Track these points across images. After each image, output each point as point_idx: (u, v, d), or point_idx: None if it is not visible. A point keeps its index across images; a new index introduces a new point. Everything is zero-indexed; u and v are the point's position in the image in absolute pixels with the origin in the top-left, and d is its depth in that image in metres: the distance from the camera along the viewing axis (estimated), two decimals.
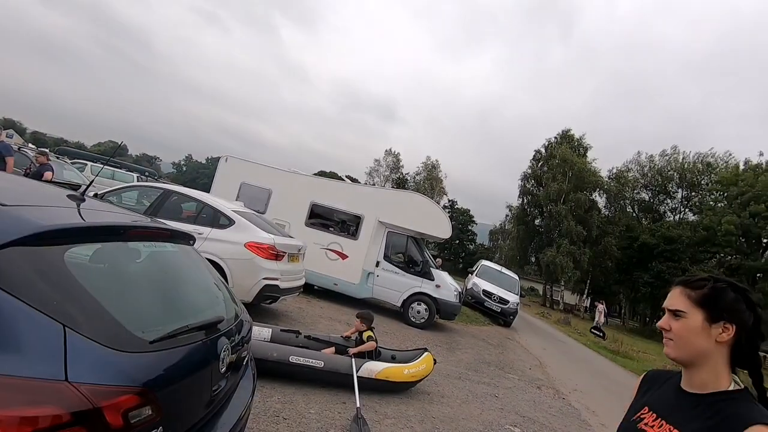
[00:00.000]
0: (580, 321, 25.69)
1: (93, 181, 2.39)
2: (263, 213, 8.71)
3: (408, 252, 9.67)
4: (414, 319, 9.05)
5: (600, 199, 36.33)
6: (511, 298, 14.24)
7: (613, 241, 33.00)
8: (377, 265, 9.31)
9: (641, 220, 38.49)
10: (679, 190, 37.18)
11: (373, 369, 4.33)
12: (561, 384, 7.63)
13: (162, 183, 12.71)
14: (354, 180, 42.90)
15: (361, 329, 4.79)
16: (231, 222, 5.68)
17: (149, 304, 1.67)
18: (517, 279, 16.66)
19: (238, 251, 5.43)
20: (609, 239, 32.93)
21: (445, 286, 9.39)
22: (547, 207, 33.76)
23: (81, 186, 1.94)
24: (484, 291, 14.10)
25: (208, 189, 9.08)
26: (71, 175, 11.22)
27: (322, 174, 38.51)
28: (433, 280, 9.31)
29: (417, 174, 49.73)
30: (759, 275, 28.26)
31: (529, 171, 37.83)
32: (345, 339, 4.98)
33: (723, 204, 31.87)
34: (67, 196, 1.76)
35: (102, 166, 13.25)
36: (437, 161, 49.33)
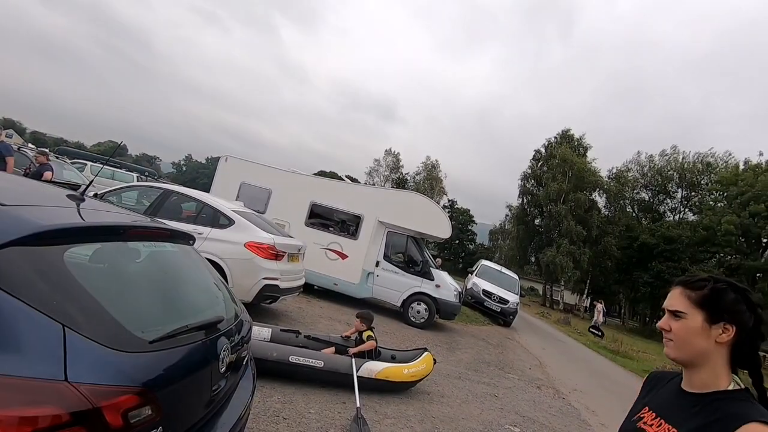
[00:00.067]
0: (579, 321, 25.68)
1: (92, 181, 2.39)
2: (263, 213, 8.71)
3: (408, 252, 9.67)
4: (414, 319, 9.05)
5: (600, 199, 36.41)
6: (511, 297, 14.25)
7: (613, 241, 33.02)
8: (377, 265, 9.31)
9: (641, 219, 38.50)
10: (679, 189, 37.22)
11: (373, 369, 4.33)
12: (561, 384, 7.64)
13: (162, 183, 12.70)
14: (354, 180, 42.88)
15: (361, 329, 4.79)
16: (231, 222, 5.68)
17: (149, 304, 1.66)
18: (517, 279, 16.67)
19: (237, 251, 5.43)
20: (609, 239, 32.95)
21: (445, 285, 9.39)
22: (547, 207, 33.78)
23: (80, 186, 1.94)
24: (483, 291, 14.10)
25: (207, 189, 9.07)
26: (71, 175, 11.22)
27: (322, 174, 38.50)
28: (433, 279, 9.31)
29: (417, 174, 49.79)
30: (759, 275, 28.27)
31: (529, 171, 37.87)
32: (344, 339, 4.98)
33: (723, 204, 31.88)
34: (67, 196, 1.76)
35: (102, 166, 13.22)
36: (437, 161, 49.46)
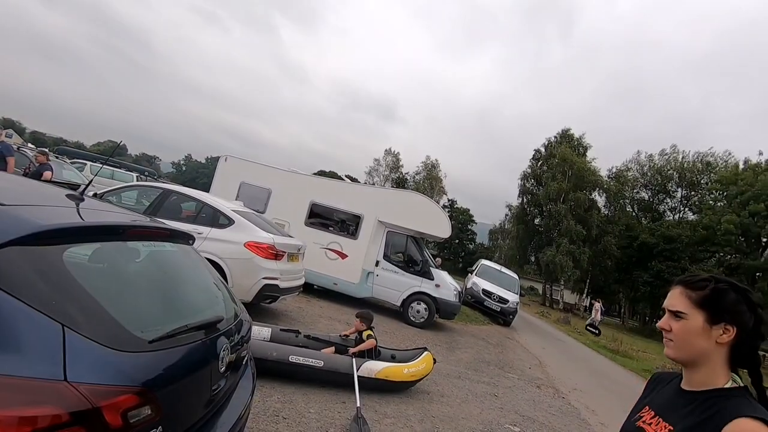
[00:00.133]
0: (579, 320, 25.67)
1: (92, 181, 2.39)
2: (263, 212, 8.71)
3: (408, 251, 9.67)
4: (414, 319, 9.05)
5: (599, 199, 36.42)
6: (511, 297, 14.25)
7: (613, 241, 33.04)
8: (377, 265, 9.31)
9: (641, 219, 38.53)
10: (679, 189, 37.26)
11: (373, 368, 4.33)
12: (560, 383, 7.64)
13: (161, 183, 12.70)
14: (354, 179, 42.83)
15: (361, 329, 4.79)
16: (230, 221, 5.68)
17: (148, 303, 1.66)
18: (517, 278, 16.69)
19: (237, 251, 5.43)
20: (608, 238, 32.97)
21: (445, 285, 9.39)
22: (547, 206, 33.79)
23: (80, 186, 1.94)
24: (483, 290, 14.11)
25: (207, 189, 9.07)
26: (70, 175, 11.22)
27: (321, 173, 38.50)
28: (433, 279, 9.31)
29: (417, 173, 49.82)
30: (758, 274, 28.31)
31: (529, 170, 37.88)
32: (343, 338, 4.98)
33: (722, 203, 31.89)
34: (66, 195, 1.76)
35: (101, 165, 13.23)
36: (437, 161, 49.48)
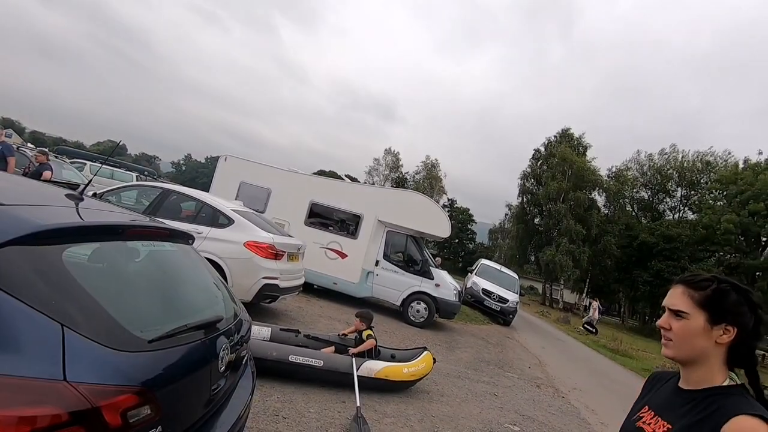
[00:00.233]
0: (579, 320, 25.64)
1: (91, 181, 2.39)
2: (262, 212, 8.71)
3: (407, 251, 9.67)
4: (413, 318, 9.05)
5: (599, 198, 36.39)
6: (511, 296, 14.26)
7: (613, 240, 33.01)
8: (377, 264, 9.32)
9: (640, 218, 38.50)
10: (679, 188, 37.22)
11: (373, 368, 4.33)
12: (560, 383, 7.64)
13: (161, 182, 12.69)
14: (353, 179, 42.79)
15: (361, 328, 4.79)
16: (230, 221, 5.67)
17: (148, 303, 1.66)
18: (517, 278, 16.69)
19: (237, 250, 5.43)
20: (608, 238, 32.95)
21: (445, 285, 9.39)
22: (547, 206, 33.77)
23: (79, 185, 1.94)
24: (483, 290, 14.11)
25: (207, 188, 9.07)
26: (70, 175, 11.22)
27: (321, 173, 38.51)
28: (433, 279, 9.31)
29: (416, 173, 49.80)
30: (758, 274, 28.34)
31: (529, 170, 37.86)
32: (341, 337, 4.98)
33: (722, 202, 31.88)
34: (66, 195, 1.75)
35: (101, 165, 13.22)
36: (436, 160, 49.47)
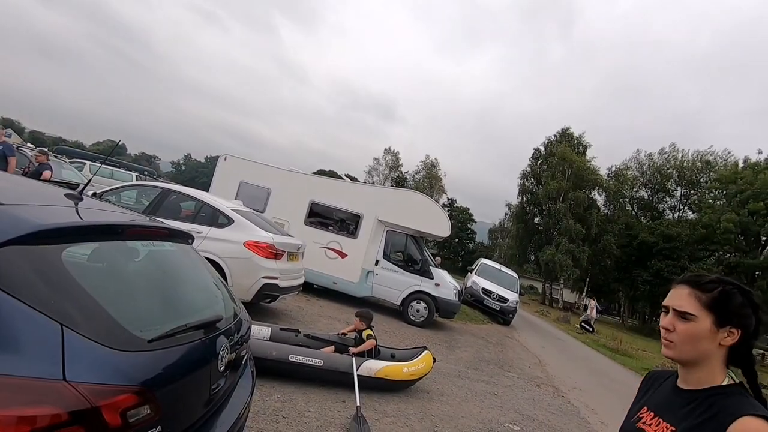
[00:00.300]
0: (579, 319, 25.68)
1: (90, 180, 2.38)
2: (262, 212, 8.71)
3: (407, 251, 9.68)
4: (413, 318, 9.05)
5: (599, 198, 36.38)
6: (511, 296, 14.26)
7: (612, 240, 33.01)
8: (376, 264, 9.32)
9: (640, 218, 38.50)
10: (678, 188, 37.21)
11: (373, 367, 4.33)
12: (560, 382, 7.65)
13: (161, 182, 12.69)
14: (353, 179, 42.78)
15: (361, 328, 4.79)
16: (230, 221, 5.67)
17: (148, 303, 1.66)
18: (517, 277, 16.71)
19: (237, 250, 5.43)
20: (608, 237, 32.95)
21: (445, 284, 9.40)
22: (547, 205, 33.76)
23: (79, 185, 1.94)
24: (483, 289, 14.11)
25: (207, 188, 9.07)
26: (70, 175, 11.22)
27: (321, 173, 38.50)
28: (433, 278, 9.31)
29: (416, 172, 49.78)
30: (758, 273, 28.34)
31: (529, 169, 37.88)
32: (341, 336, 4.98)
33: (722, 202, 31.90)
34: (65, 195, 1.75)
35: (100, 165, 13.22)
36: (436, 160, 49.45)
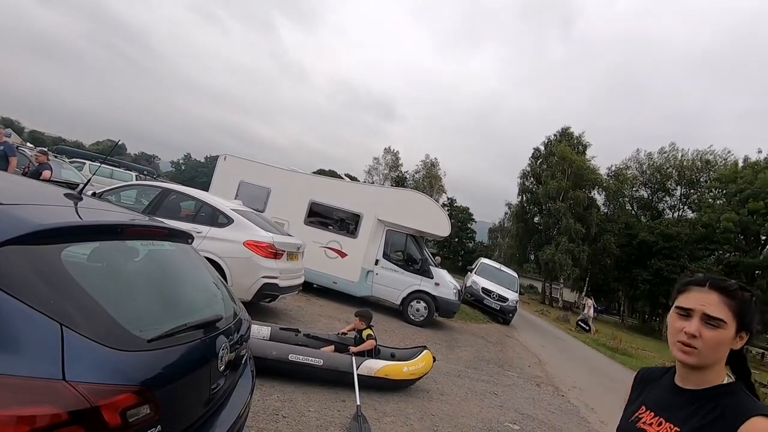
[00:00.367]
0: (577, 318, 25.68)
1: (90, 180, 2.38)
2: (262, 212, 8.71)
3: (407, 250, 9.68)
4: (413, 317, 9.06)
5: (599, 197, 36.40)
6: (511, 295, 14.27)
7: (612, 239, 33.03)
8: (376, 264, 9.32)
9: (640, 217, 38.51)
10: (678, 187, 37.21)
11: (373, 367, 4.33)
12: (560, 381, 7.65)
13: (160, 182, 12.69)
14: (353, 178, 42.79)
15: (360, 328, 4.79)
16: (230, 220, 5.67)
17: (147, 302, 1.66)
18: (516, 277, 16.71)
19: (237, 250, 5.43)
20: (608, 237, 32.96)
21: (444, 284, 9.40)
22: (546, 205, 33.76)
23: (78, 185, 1.93)
24: (483, 289, 14.12)
25: (206, 188, 9.07)
26: (69, 174, 11.21)
27: (321, 172, 38.47)
28: (433, 278, 9.31)
29: (416, 172, 49.75)
30: (757, 272, 28.37)
31: (528, 169, 37.89)
32: (340, 336, 4.98)
33: (722, 201, 31.94)
34: (65, 195, 1.75)
35: (100, 164, 13.22)
36: (436, 159, 49.43)
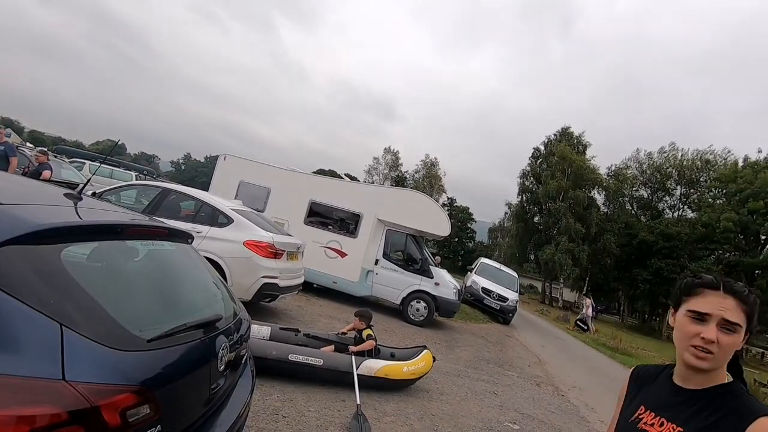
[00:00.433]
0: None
1: (90, 180, 2.38)
2: (262, 211, 8.71)
3: (407, 250, 9.68)
4: (413, 317, 9.06)
5: (599, 197, 36.42)
6: (510, 295, 14.27)
7: (612, 239, 33.03)
8: (376, 263, 9.32)
9: (640, 217, 38.50)
10: (678, 187, 37.21)
11: (373, 366, 4.33)
12: (560, 381, 7.65)
13: (160, 181, 12.69)
14: (353, 178, 42.79)
15: (360, 327, 4.78)
16: (230, 220, 5.67)
17: (147, 302, 1.66)
18: (516, 276, 16.71)
19: (236, 250, 5.43)
20: (608, 236, 32.96)
21: (444, 283, 9.40)
22: (546, 204, 33.77)
23: (78, 185, 1.93)
24: (483, 289, 14.12)
25: (206, 187, 9.07)
26: (69, 174, 11.20)
27: (321, 172, 38.47)
28: (432, 277, 9.32)
29: (416, 172, 49.73)
30: (757, 272, 28.39)
31: (528, 168, 37.89)
32: (340, 336, 4.98)
33: (722, 201, 31.93)
34: (65, 194, 1.75)
35: (100, 164, 13.22)
36: (436, 159, 49.40)
